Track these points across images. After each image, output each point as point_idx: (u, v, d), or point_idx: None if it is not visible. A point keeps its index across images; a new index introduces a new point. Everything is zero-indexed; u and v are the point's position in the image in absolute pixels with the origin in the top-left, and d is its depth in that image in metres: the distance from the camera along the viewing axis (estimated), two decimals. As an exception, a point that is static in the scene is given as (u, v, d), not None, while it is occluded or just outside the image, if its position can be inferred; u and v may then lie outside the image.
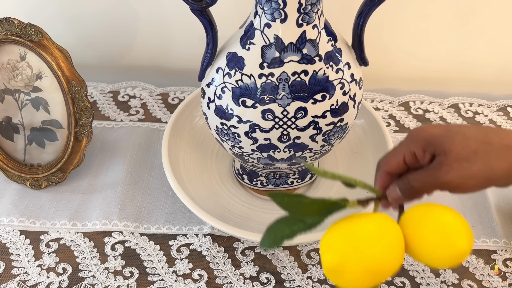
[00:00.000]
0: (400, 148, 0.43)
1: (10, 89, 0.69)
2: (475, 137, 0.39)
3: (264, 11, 0.51)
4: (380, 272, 0.35)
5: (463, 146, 0.39)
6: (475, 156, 0.38)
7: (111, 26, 0.87)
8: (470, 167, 0.38)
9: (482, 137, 0.39)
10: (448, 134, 0.40)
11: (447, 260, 0.37)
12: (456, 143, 0.39)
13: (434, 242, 0.36)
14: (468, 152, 0.38)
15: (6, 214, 0.69)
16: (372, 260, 0.34)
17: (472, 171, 0.38)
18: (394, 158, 0.43)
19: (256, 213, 0.68)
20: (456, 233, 0.36)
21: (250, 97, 0.54)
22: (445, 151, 0.39)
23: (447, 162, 0.39)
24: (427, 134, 0.41)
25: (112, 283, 0.61)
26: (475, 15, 0.81)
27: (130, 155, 0.77)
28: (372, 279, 0.34)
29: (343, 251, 0.35)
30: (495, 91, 0.90)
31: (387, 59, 0.88)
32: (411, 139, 0.42)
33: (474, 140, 0.39)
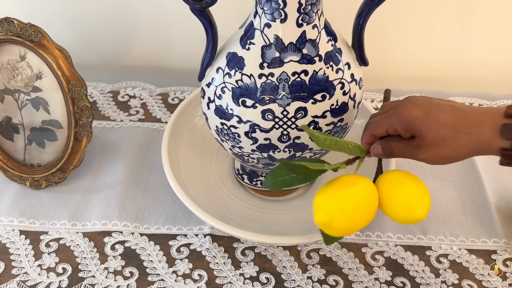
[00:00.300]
0: (385, 121, 0.51)
1: (10, 89, 0.69)
2: (447, 124, 0.47)
3: (264, 11, 0.51)
4: (358, 225, 0.48)
5: (436, 133, 0.47)
6: (444, 142, 0.47)
7: (111, 26, 0.87)
8: (440, 150, 0.48)
9: (453, 126, 0.47)
10: (427, 119, 0.47)
11: (407, 221, 0.48)
12: (432, 129, 0.47)
13: (402, 207, 0.48)
14: (440, 139, 0.47)
15: (6, 214, 0.69)
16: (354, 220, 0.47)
17: (442, 153, 0.48)
18: (379, 127, 0.51)
19: (256, 213, 0.68)
20: (418, 203, 0.48)
21: (250, 97, 0.54)
22: (422, 136, 0.48)
23: (423, 144, 0.48)
24: (410, 117, 0.48)
25: (112, 283, 0.61)
26: (475, 15, 0.81)
27: (130, 155, 0.77)
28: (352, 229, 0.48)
29: (332, 212, 0.46)
30: (495, 91, 0.90)
31: (387, 59, 0.88)
32: (396, 118, 0.49)
33: (445, 128, 0.47)
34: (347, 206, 0.46)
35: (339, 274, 0.63)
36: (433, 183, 0.73)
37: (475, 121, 0.47)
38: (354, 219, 0.47)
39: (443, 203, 0.70)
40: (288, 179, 0.50)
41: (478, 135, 0.47)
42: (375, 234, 0.67)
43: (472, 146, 0.47)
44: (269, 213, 0.67)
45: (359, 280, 0.62)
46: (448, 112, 0.48)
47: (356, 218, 0.47)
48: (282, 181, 0.51)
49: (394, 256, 0.64)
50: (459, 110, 0.48)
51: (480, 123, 0.47)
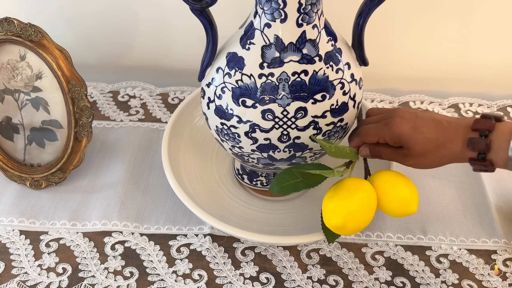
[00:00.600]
0: (377, 132, 0.56)
1: (10, 89, 0.69)
2: (430, 139, 0.54)
3: (264, 11, 0.51)
4: (365, 224, 0.53)
5: (421, 147, 0.54)
6: (427, 154, 0.55)
7: (111, 26, 0.87)
8: (423, 160, 0.55)
9: (435, 141, 0.54)
10: (413, 134, 0.54)
11: (402, 215, 0.55)
12: (418, 143, 0.54)
13: (398, 204, 0.54)
14: (424, 151, 0.54)
15: (6, 214, 0.69)
16: (364, 220, 0.53)
17: (424, 162, 0.56)
18: (370, 137, 0.57)
19: (256, 213, 0.68)
20: (411, 199, 0.54)
21: (250, 97, 0.54)
22: (410, 148, 0.55)
23: (409, 154, 0.55)
24: (399, 132, 0.54)
25: (112, 283, 0.61)
26: (475, 16, 0.81)
27: (130, 155, 0.77)
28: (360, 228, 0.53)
29: (345, 216, 0.52)
30: (495, 91, 0.90)
31: (387, 59, 0.88)
32: (388, 130, 0.55)
33: (429, 143, 0.54)
34: (356, 209, 0.52)
35: (339, 274, 0.63)
36: (433, 183, 0.73)
37: (451, 136, 0.54)
38: (362, 219, 0.53)
39: (443, 203, 0.70)
40: (294, 184, 0.55)
41: (453, 148, 0.54)
42: (375, 234, 0.67)
43: (449, 157, 0.55)
44: (269, 213, 0.67)
45: (359, 280, 0.62)
46: (431, 127, 0.54)
47: (364, 218, 0.53)
48: (288, 186, 0.55)
49: (394, 256, 0.64)
50: (440, 123, 0.54)
51: (455, 138, 0.54)
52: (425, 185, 0.72)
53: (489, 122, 0.52)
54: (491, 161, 0.52)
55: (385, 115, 0.58)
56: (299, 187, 0.55)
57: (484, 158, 0.52)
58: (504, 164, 0.52)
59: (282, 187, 0.55)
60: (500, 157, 0.52)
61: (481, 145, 0.52)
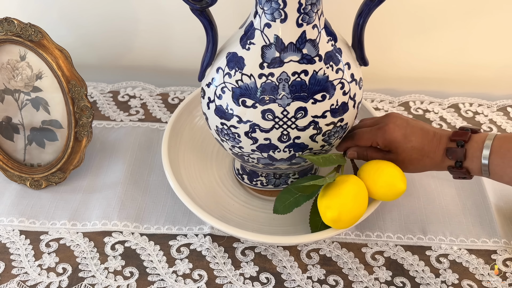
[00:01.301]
0: (370, 136, 0.61)
1: (10, 89, 0.69)
2: (416, 148, 0.59)
3: (264, 11, 0.51)
4: (359, 214, 0.56)
5: (408, 155, 0.60)
6: (412, 162, 0.60)
7: (111, 26, 0.87)
8: (407, 167, 0.61)
9: (420, 151, 0.59)
10: (403, 141, 0.59)
11: (393, 196, 0.58)
12: (405, 151, 0.59)
13: (386, 187, 0.58)
14: (410, 159, 0.60)
15: (6, 214, 0.69)
16: (358, 210, 0.56)
17: (408, 169, 0.61)
18: (364, 140, 0.62)
19: (256, 213, 0.68)
20: (397, 180, 0.57)
21: (250, 97, 0.54)
22: (397, 153, 0.60)
23: (395, 160, 0.60)
24: (391, 138, 0.59)
25: (112, 283, 0.61)
26: (475, 16, 0.81)
27: (130, 155, 0.77)
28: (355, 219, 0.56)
29: (338, 208, 0.55)
30: (495, 91, 0.90)
31: (387, 59, 0.88)
32: (381, 135, 0.60)
33: (415, 152, 0.59)
34: (347, 200, 0.55)
35: (339, 274, 0.63)
36: (433, 183, 0.73)
37: (434, 146, 0.59)
38: (355, 210, 0.56)
39: (443, 203, 0.70)
40: (294, 200, 0.59)
41: (434, 158, 0.59)
42: (375, 234, 0.67)
43: (431, 166, 0.60)
44: (269, 213, 0.67)
45: (359, 280, 0.62)
46: (419, 137, 0.59)
47: (356, 209, 0.56)
48: (290, 203, 0.59)
49: (394, 256, 0.64)
50: (427, 133, 0.60)
51: (437, 148, 0.59)
52: (425, 185, 0.72)
53: (465, 133, 0.58)
54: (467, 168, 0.58)
55: (378, 120, 0.63)
56: (300, 202, 0.59)
57: (461, 166, 0.58)
58: (479, 171, 0.58)
59: (285, 206, 0.59)
60: (475, 165, 0.57)
61: (458, 154, 0.57)
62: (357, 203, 0.56)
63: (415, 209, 0.69)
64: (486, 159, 0.56)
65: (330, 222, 0.56)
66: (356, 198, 0.56)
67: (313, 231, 0.61)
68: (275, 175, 0.67)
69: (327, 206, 0.55)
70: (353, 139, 0.63)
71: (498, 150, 0.56)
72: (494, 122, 0.83)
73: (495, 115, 0.84)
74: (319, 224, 0.60)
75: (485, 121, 0.83)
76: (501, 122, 0.83)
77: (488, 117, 0.84)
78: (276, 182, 0.68)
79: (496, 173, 0.57)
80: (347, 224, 0.56)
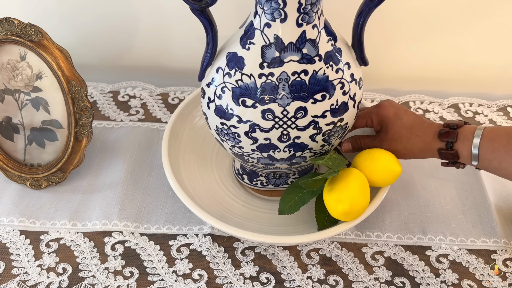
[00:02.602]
0: (367, 113, 0.64)
1: (10, 89, 0.69)
2: (406, 126, 0.61)
3: (264, 11, 0.51)
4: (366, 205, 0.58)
5: (396, 131, 0.61)
6: (400, 140, 0.61)
7: (111, 26, 0.87)
8: (396, 145, 0.61)
9: (409, 128, 0.61)
10: (394, 118, 0.62)
11: (392, 179, 0.60)
12: (395, 127, 0.61)
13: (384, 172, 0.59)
14: (397, 136, 0.61)
15: (6, 214, 0.69)
16: (365, 200, 0.57)
17: (397, 148, 0.61)
18: (362, 119, 0.65)
19: (256, 213, 0.68)
20: (392, 164, 0.59)
21: (250, 97, 0.54)
22: (386, 131, 0.62)
23: (385, 138, 0.62)
24: (383, 113, 0.62)
25: (112, 283, 0.61)
26: (475, 16, 0.81)
27: (130, 155, 0.77)
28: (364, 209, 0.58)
29: (349, 200, 0.56)
30: (495, 91, 0.90)
31: (387, 59, 0.88)
32: (376, 111, 0.63)
33: (405, 129, 0.61)
34: (356, 192, 0.56)
35: (339, 274, 0.63)
36: (433, 183, 0.73)
37: (425, 127, 0.61)
38: (363, 200, 0.57)
39: (443, 203, 0.70)
40: (299, 198, 0.59)
41: (424, 138, 0.60)
42: (375, 234, 0.67)
43: (419, 146, 0.61)
44: (269, 213, 0.67)
45: (359, 280, 0.62)
46: (410, 117, 0.62)
47: (364, 199, 0.57)
48: (295, 202, 0.59)
49: (394, 256, 0.64)
50: (419, 117, 0.62)
51: (428, 129, 0.61)
52: (425, 185, 0.72)
53: (458, 122, 0.60)
54: (458, 151, 0.58)
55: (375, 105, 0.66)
56: (305, 199, 0.59)
57: (451, 147, 0.58)
58: (468, 155, 0.58)
59: (291, 206, 0.59)
60: (466, 147, 0.58)
61: (450, 134, 0.59)
62: (364, 193, 0.57)
63: (415, 209, 0.70)
64: (478, 137, 0.57)
65: (342, 215, 0.56)
66: (362, 189, 0.57)
67: (320, 229, 0.61)
68: (275, 175, 0.67)
69: (338, 199, 0.56)
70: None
71: (488, 135, 0.57)
72: (494, 122, 0.83)
73: (495, 115, 0.84)
74: (325, 220, 0.61)
75: (485, 121, 0.83)
76: (501, 122, 0.83)
77: (488, 117, 0.84)
78: (276, 182, 0.68)
79: (486, 158, 0.57)
80: (356, 215, 0.57)
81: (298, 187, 0.60)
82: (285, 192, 0.60)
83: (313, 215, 0.63)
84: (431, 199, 0.71)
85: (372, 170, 0.59)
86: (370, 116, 0.64)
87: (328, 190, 0.57)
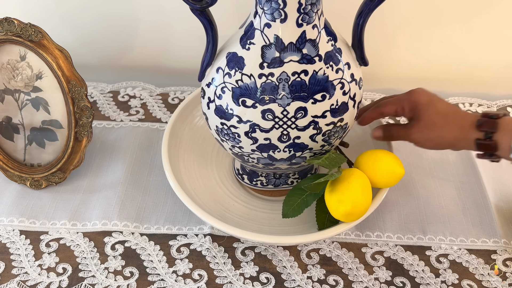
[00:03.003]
0: (398, 100, 0.61)
1: (10, 89, 0.69)
2: (440, 113, 0.58)
3: (264, 11, 0.51)
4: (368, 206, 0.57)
5: (430, 118, 0.58)
6: (434, 127, 0.58)
7: (111, 26, 0.87)
8: (429, 133, 0.58)
9: (444, 115, 0.58)
10: (427, 104, 0.58)
11: (395, 181, 0.59)
12: (428, 114, 0.58)
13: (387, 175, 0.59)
14: (431, 123, 0.58)
15: (6, 214, 0.69)
16: (367, 202, 0.57)
17: (430, 136, 0.58)
18: (389, 106, 0.62)
19: (256, 213, 0.68)
20: (395, 166, 0.58)
21: (250, 97, 0.54)
22: (419, 118, 0.59)
23: (417, 126, 0.59)
24: (416, 99, 0.59)
25: (112, 283, 0.61)
26: (475, 16, 0.81)
27: (130, 155, 0.77)
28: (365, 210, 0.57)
29: (351, 201, 0.55)
30: (495, 91, 0.90)
31: (387, 59, 0.88)
32: (407, 98, 0.60)
33: (438, 116, 0.58)
34: (358, 193, 0.56)
35: (339, 274, 0.63)
36: (433, 183, 0.73)
37: (460, 116, 0.58)
38: (365, 201, 0.56)
39: (443, 203, 0.70)
40: (303, 201, 0.59)
41: (461, 126, 0.57)
42: (375, 234, 0.67)
43: (455, 135, 0.57)
44: (269, 213, 0.67)
45: (359, 280, 0.62)
46: (445, 104, 0.59)
47: (366, 200, 0.56)
48: (298, 205, 0.59)
49: (394, 256, 0.64)
50: (454, 106, 0.60)
51: (464, 118, 0.58)
52: (425, 185, 0.72)
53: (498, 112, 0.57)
54: (497, 142, 0.55)
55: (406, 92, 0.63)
56: (309, 202, 0.59)
57: (490, 138, 0.55)
58: (508, 148, 0.55)
59: (294, 209, 0.59)
60: (506, 139, 0.55)
61: (490, 124, 0.55)
62: (366, 195, 0.57)
63: (415, 209, 0.70)
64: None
65: (343, 216, 0.56)
66: (364, 190, 0.56)
67: (320, 229, 0.61)
68: (275, 175, 0.67)
69: (339, 200, 0.55)
70: (378, 107, 0.63)
71: None
72: (494, 122, 0.83)
73: (495, 115, 0.84)
74: (325, 220, 0.61)
75: (485, 121, 0.83)
76: (501, 122, 0.83)
77: (488, 117, 0.84)
78: (276, 182, 0.68)
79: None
80: (358, 216, 0.57)
81: (301, 189, 0.59)
82: (288, 195, 0.60)
83: (313, 215, 0.63)
84: (431, 199, 0.71)
85: (375, 172, 0.58)
86: (401, 104, 0.61)
87: (330, 191, 0.57)
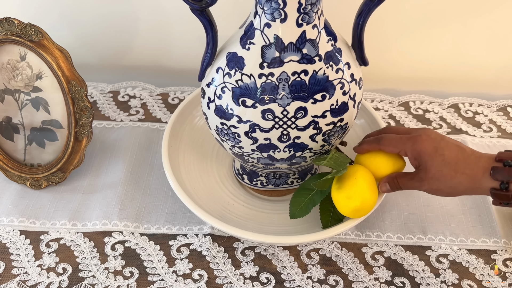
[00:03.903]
0: (400, 144, 0.57)
1: (10, 89, 0.69)
2: (449, 163, 0.54)
3: (264, 11, 0.51)
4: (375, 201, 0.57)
5: (438, 170, 0.54)
6: (443, 178, 0.54)
7: (111, 26, 0.87)
8: (439, 185, 0.55)
9: (453, 165, 0.53)
10: (433, 154, 0.54)
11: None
12: (435, 165, 0.54)
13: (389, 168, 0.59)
14: (440, 175, 0.54)
15: (6, 214, 0.69)
16: (373, 197, 0.56)
17: (439, 187, 0.55)
18: (391, 147, 0.58)
19: (256, 213, 0.68)
20: (397, 160, 0.59)
21: (250, 97, 0.54)
22: (427, 169, 0.55)
23: (425, 178, 0.55)
24: (421, 149, 0.55)
25: (112, 283, 0.61)
26: (475, 16, 0.81)
27: (130, 155, 0.77)
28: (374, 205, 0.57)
29: (360, 196, 0.55)
30: (495, 91, 0.90)
31: (387, 59, 0.88)
32: (411, 145, 0.56)
33: (446, 167, 0.54)
34: (365, 188, 0.56)
35: (339, 274, 0.63)
36: (433, 183, 0.73)
37: (471, 163, 0.53)
38: (372, 196, 0.56)
39: (443, 203, 0.70)
40: (309, 200, 0.59)
41: (472, 176, 0.53)
42: (375, 234, 0.67)
43: (467, 185, 0.54)
44: (269, 213, 0.67)
45: (359, 280, 0.62)
46: (453, 151, 0.54)
47: (373, 195, 0.56)
48: (305, 205, 0.59)
49: (394, 256, 0.64)
50: (463, 150, 0.54)
51: (476, 166, 0.53)
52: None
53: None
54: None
55: (410, 130, 0.59)
56: (315, 201, 0.59)
57: (507, 188, 0.51)
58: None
59: (301, 208, 0.59)
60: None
61: (505, 173, 0.51)
62: (373, 190, 0.57)
63: (415, 209, 0.70)
64: None
65: (352, 212, 0.56)
66: (371, 185, 0.57)
67: (324, 227, 0.61)
68: (275, 175, 0.67)
69: (348, 196, 0.55)
70: (379, 143, 0.58)
71: None
72: (494, 122, 0.83)
73: (495, 115, 0.84)
74: (330, 218, 0.61)
75: (485, 121, 0.83)
76: (501, 122, 0.83)
77: (488, 117, 0.84)
78: (276, 182, 0.68)
79: None
80: (366, 212, 0.57)
81: (306, 189, 0.59)
82: (294, 195, 0.60)
83: (313, 215, 0.63)
84: (431, 199, 0.71)
85: (377, 166, 0.59)
86: (403, 148, 0.56)
87: (337, 188, 0.56)
